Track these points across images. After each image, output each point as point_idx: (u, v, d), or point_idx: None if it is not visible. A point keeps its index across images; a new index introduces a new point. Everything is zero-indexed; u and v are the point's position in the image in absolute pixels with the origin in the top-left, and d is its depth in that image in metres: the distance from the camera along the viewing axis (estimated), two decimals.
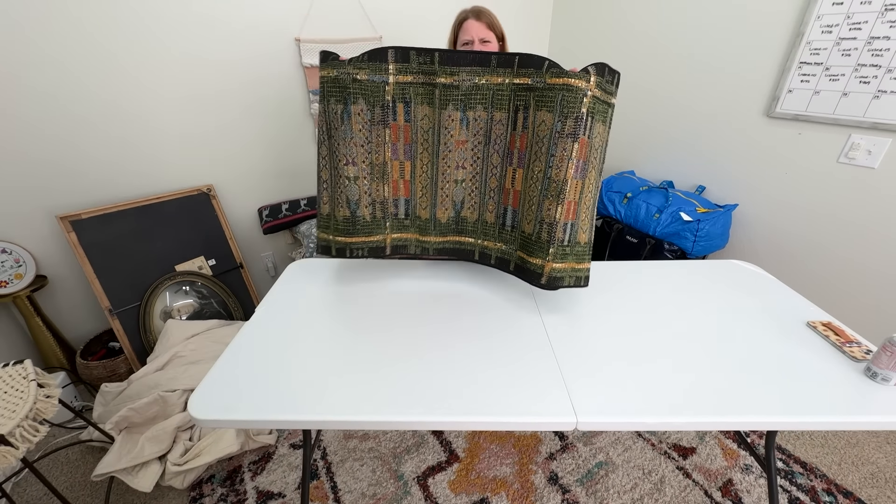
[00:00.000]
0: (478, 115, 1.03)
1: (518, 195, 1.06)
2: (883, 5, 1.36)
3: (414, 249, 1.16)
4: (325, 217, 1.14)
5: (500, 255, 1.12)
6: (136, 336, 1.74)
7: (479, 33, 1.19)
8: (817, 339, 1.02)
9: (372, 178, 1.08)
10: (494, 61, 1.00)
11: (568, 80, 0.92)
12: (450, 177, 1.11)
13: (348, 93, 1.00)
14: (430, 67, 1.01)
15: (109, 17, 1.53)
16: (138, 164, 1.75)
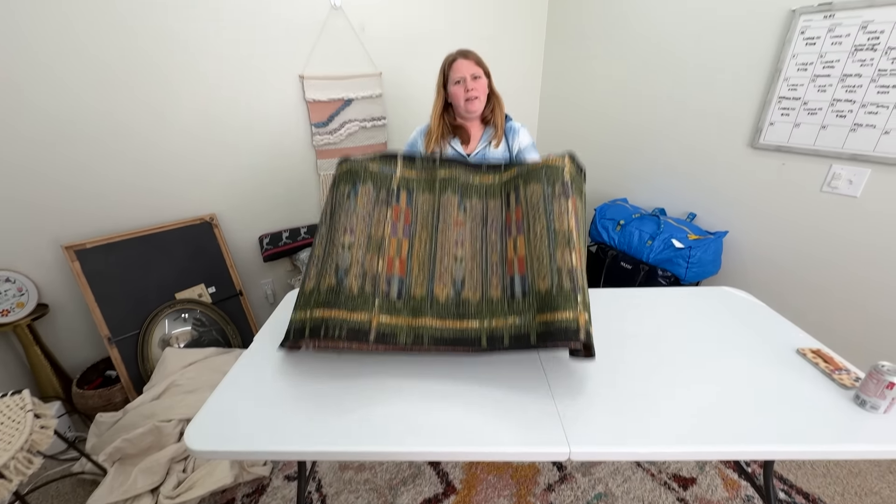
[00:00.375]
0: (474, 203, 1.11)
1: (523, 260, 0.97)
2: (853, 45, 1.44)
3: (405, 339, 0.92)
4: (307, 293, 0.98)
5: (515, 331, 0.91)
6: (134, 364, 1.74)
7: (469, 70, 1.28)
8: (807, 367, 1.03)
9: (367, 248, 1.01)
10: (484, 168, 1.16)
11: (547, 161, 1.07)
12: (448, 251, 1.03)
13: (358, 176, 1.09)
14: (431, 166, 1.15)
15: (117, 49, 1.61)
16: (145, 194, 1.81)
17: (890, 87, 1.39)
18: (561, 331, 0.85)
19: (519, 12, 2.49)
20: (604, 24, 2.27)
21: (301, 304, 0.98)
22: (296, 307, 0.99)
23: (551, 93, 2.74)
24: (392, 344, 0.93)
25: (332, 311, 0.94)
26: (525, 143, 1.44)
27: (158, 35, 1.65)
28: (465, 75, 1.29)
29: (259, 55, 1.86)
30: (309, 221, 2.27)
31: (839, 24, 1.46)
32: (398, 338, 0.93)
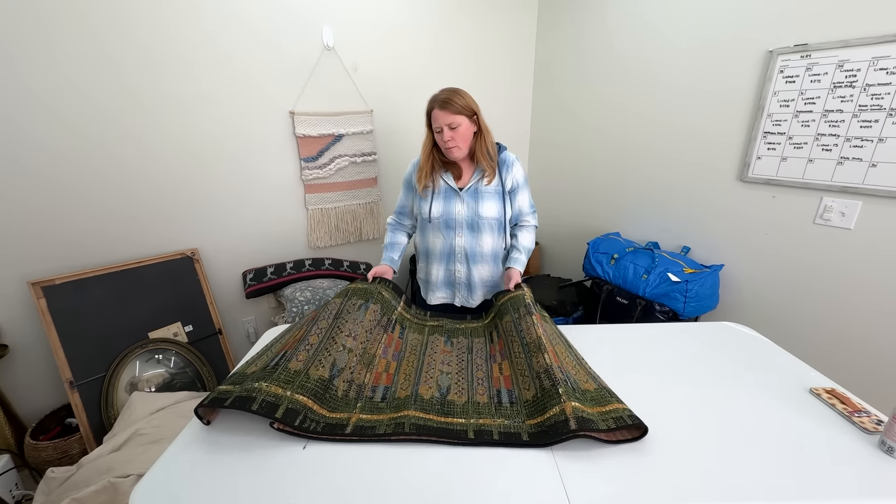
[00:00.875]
0: (459, 340, 1.21)
1: (509, 378, 1.03)
2: (831, 83, 1.48)
3: (384, 429, 0.85)
4: (290, 373, 0.91)
5: (505, 429, 0.87)
6: (97, 411, 1.60)
7: (445, 120, 1.26)
8: (823, 409, 0.96)
9: (361, 359, 1.04)
10: (469, 318, 1.34)
11: (510, 294, 1.25)
12: (435, 367, 1.07)
13: (371, 296, 1.20)
14: (423, 316, 1.33)
15: (100, 80, 1.61)
16: (123, 228, 1.75)
17: (872, 122, 1.41)
18: (552, 427, 0.83)
19: (508, 53, 2.58)
20: (593, 63, 2.36)
21: (276, 381, 0.88)
22: (269, 380, 0.88)
23: (541, 130, 2.79)
24: (370, 435, 0.85)
25: (315, 405, 0.88)
26: (519, 179, 1.40)
27: (143, 67, 1.65)
28: (441, 126, 1.27)
29: (249, 91, 1.87)
30: (295, 257, 2.20)
31: (816, 63, 1.51)
32: (377, 429, 0.86)
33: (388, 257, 1.47)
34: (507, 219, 1.40)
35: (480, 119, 1.31)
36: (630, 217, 2.32)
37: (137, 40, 1.61)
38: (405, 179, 1.46)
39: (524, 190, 1.42)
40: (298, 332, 1.06)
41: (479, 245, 1.38)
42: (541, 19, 2.60)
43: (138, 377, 1.69)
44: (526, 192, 1.43)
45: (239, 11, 1.77)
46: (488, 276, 1.43)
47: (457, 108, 1.25)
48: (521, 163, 1.42)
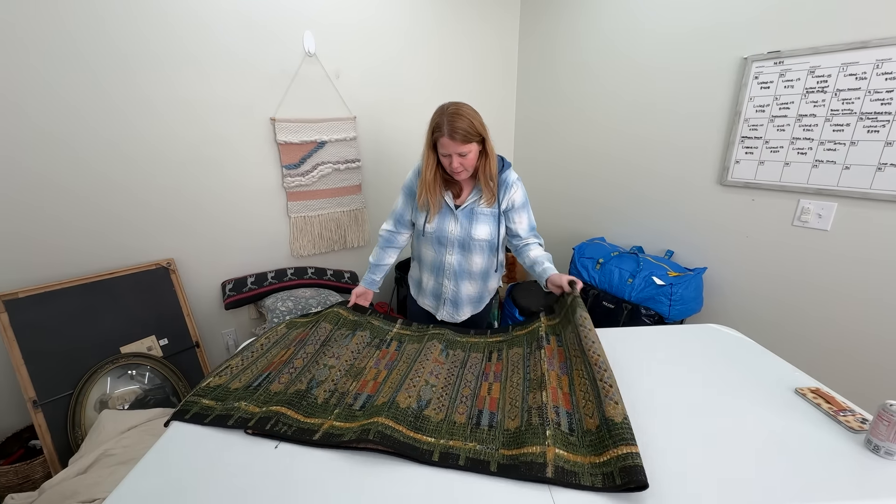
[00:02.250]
0: (457, 353, 1.15)
1: (496, 401, 0.96)
2: (804, 88, 1.52)
3: (350, 436, 0.82)
4: (269, 394, 0.94)
5: (475, 454, 0.80)
6: (63, 432, 1.52)
7: (455, 149, 1.18)
8: (809, 408, 0.95)
9: (346, 374, 1.04)
10: (472, 332, 1.26)
11: (529, 327, 1.20)
12: (422, 375, 1.02)
13: (360, 326, 1.22)
14: (424, 328, 1.26)
15: (72, 81, 1.55)
16: (94, 237, 1.68)
17: (844, 126, 1.45)
18: (527, 465, 0.75)
19: (491, 61, 2.61)
20: (574, 70, 2.39)
21: (255, 400, 0.92)
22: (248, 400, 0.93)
23: (525, 136, 2.81)
24: (336, 444, 0.82)
25: (289, 411, 0.89)
26: (518, 201, 1.34)
27: (117, 71, 1.60)
28: (450, 153, 1.19)
29: (228, 97, 1.83)
30: (276, 266, 2.15)
31: (789, 69, 1.55)
32: (344, 437, 0.82)
33: (371, 279, 1.44)
34: (500, 240, 1.37)
35: (488, 142, 1.23)
36: (614, 222, 2.34)
37: (113, 43, 1.56)
38: (406, 186, 1.39)
39: (522, 211, 1.35)
40: (285, 354, 1.09)
41: (469, 264, 1.36)
42: (523, 27, 2.63)
43: (109, 394, 1.61)
44: (525, 214, 1.36)
45: (217, 17, 1.73)
46: (475, 292, 1.42)
47: (465, 136, 1.16)
48: (522, 185, 1.35)
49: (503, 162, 1.33)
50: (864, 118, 1.40)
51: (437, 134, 1.19)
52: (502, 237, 1.38)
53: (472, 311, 1.46)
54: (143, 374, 1.71)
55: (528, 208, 1.38)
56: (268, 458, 0.80)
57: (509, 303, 2.43)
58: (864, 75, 1.38)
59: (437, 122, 1.19)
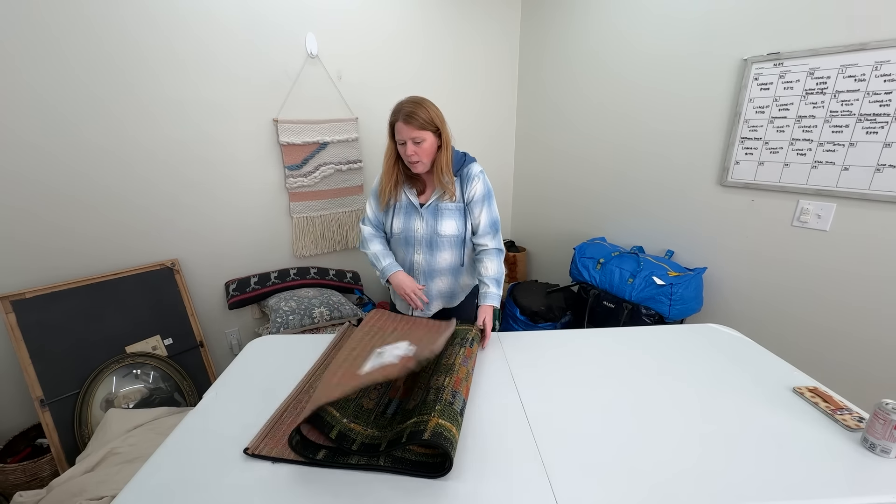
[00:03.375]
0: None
1: (408, 391, 0.98)
2: (803, 90, 1.53)
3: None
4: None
5: (370, 440, 0.82)
6: (70, 431, 1.53)
7: (409, 135, 1.20)
8: (806, 407, 0.97)
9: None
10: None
11: (466, 326, 1.20)
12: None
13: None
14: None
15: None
16: (99, 239, 1.69)
17: (843, 127, 1.46)
18: (408, 434, 0.77)
19: (493, 61, 2.61)
20: (575, 74, 2.40)
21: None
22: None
23: (526, 138, 2.82)
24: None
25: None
26: (479, 193, 1.29)
27: (123, 74, 1.62)
28: (405, 139, 1.21)
29: (231, 99, 1.85)
30: (279, 266, 2.17)
31: (788, 70, 1.56)
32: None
33: (393, 263, 1.37)
34: (468, 234, 1.34)
35: (444, 134, 1.24)
36: (615, 222, 2.35)
37: (117, 48, 1.58)
38: (374, 191, 1.37)
39: (483, 205, 1.30)
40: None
41: (437, 261, 1.35)
42: (524, 29, 2.64)
43: (114, 393, 1.62)
44: (485, 209, 1.31)
45: (221, 19, 1.75)
46: (446, 287, 1.42)
47: (421, 123, 1.19)
48: (486, 176, 1.31)
49: (465, 157, 1.33)
50: (863, 119, 1.41)
51: (394, 118, 1.23)
52: (469, 232, 1.35)
53: (444, 304, 1.46)
54: (147, 373, 1.73)
55: (488, 202, 1.31)
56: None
57: (510, 302, 2.45)
58: (863, 77, 1.39)
59: (395, 108, 1.23)
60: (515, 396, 1.00)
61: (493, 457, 0.81)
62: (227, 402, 1.00)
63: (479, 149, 2.72)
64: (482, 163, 1.38)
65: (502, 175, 2.94)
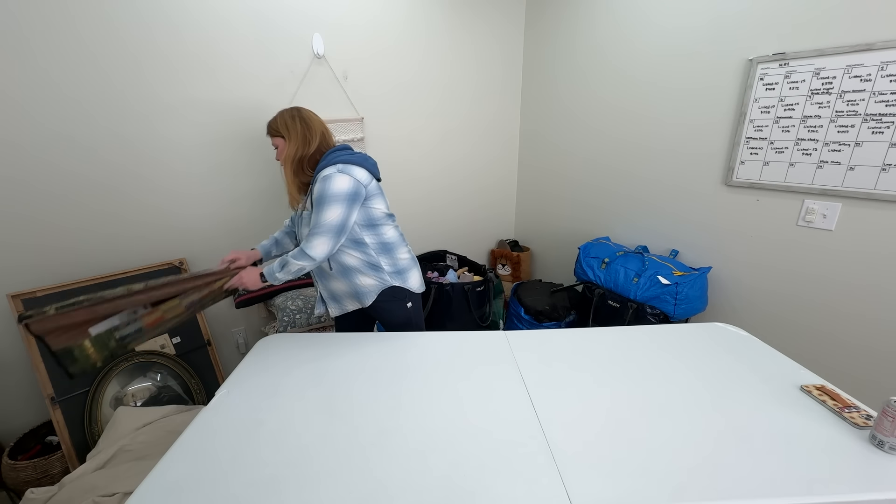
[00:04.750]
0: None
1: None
2: (809, 90, 1.53)
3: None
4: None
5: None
6: (80, 428, 1.55)
7: (272, 143, 1.37)
8: (814, 405, 0.97)
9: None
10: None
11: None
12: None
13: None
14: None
15: (88, 80, 1.58)
16: (107, 237, 1.71)
17: (849, 127, 1.46)
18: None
19: (497, 60, 2.62)
20: (580, 72, 2.40)
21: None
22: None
23: (530, 137, 2.83)
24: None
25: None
26: (314, 196, 1.22)
27: (129, 72, 1.63)
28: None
29: (237, 99, 1.86)
30: None
31: (794, 71, 1.56)
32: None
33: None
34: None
35: (291, 138, 1.29)
36: (620, 222, 2.35)
37: (123, 46, 1.59)
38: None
39: (316, 209, 1.20)
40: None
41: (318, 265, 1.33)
42: (528, 25, 2.65)
43: (123, 391, 1.64)
44: (317, 212, 1.19)
45: (228, 20, 1.76)
46: (346, 288, 1.41)
47: (271, 131, 1.34)
48: (327, 182, 1.18)
49: (326, 159, 1.27)
50: (869, 119, 1.41)
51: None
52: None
53: (356, 305, 1.44)
54: (156, 371, 1.74)
55: (319, 206, 1.19)
56: (291, 449, 0.83)
57: (514, 302, 2.46)
58: (869, 77, 1.40)
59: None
60: (525, 395, 1.01)
61: (505, 455, 0.82)
62: (238, 400, 1.01)
63: (483, 146, 2.74)
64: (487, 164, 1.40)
65: (506, 174, 2.95)
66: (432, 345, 1.27)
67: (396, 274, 1.42)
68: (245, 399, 1.01)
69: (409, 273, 1.46)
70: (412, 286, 1.47)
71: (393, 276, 1.41)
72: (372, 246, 1.35)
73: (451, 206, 2.73)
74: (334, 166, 1.23)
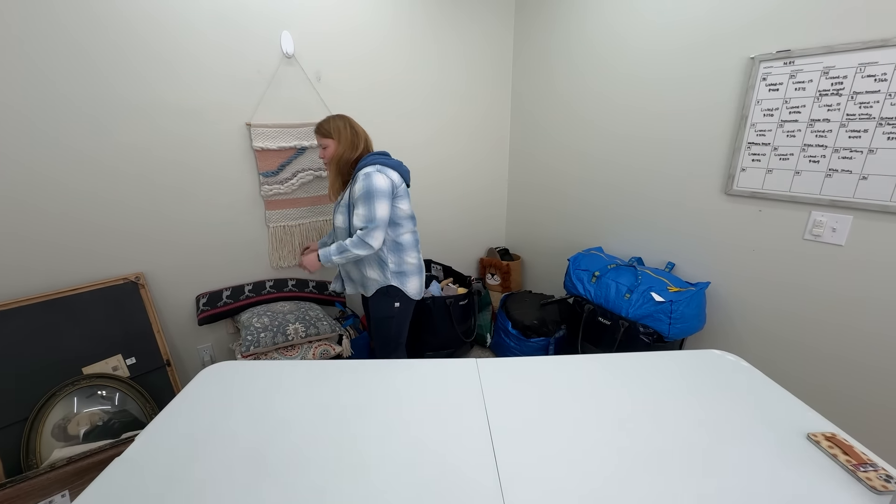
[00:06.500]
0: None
1: None
2: (817, 91, 1.39)
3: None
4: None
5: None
6: (16, 461, 1.42)
7: (317, 141, 1.61)
8: (823, 460, 0.84)
9: None
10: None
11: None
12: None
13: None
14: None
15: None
16: (54, 251, 1.58)
17: (861, 132, 1.32)
18: None
19: (484, 62, 2.49)
20: (569, 71, 2.27)
21: None
22: None
23: (520, 140, 2.69)
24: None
25: None
26: (355, 193, 1.46)
27: (79, 71, 1.50)
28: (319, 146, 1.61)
29: (200, 101, 1.73)
30: (255, 278, 2.05)
31: (800, 70, 1.42)
32: None
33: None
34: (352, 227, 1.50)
35: (341, 141, 1.54)
36: (613, 231, 2.21)
37: (76, 43, 1.46)
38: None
39: (358, 203, 1.44)
40: None
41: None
42: (518, 25, 2.51)
43: (67, 419, 1.51)
44: (360, 207, 1.44)
45: (188, 16, 1.63)
46: (357, 274, 1.64)
47: (322, 131, 1.56)
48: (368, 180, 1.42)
49: (366, 159, 1.51)
50: (884, 124, 1.27)
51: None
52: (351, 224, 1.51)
53: (362, 291, 1.66)
54: (111, 395, 1.61)
55: (365, 202, 1.42)
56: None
57: (502, 315, 2.32)
58: (884, 77, 1.25)
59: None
60: (487, 442, 0.88)
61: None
62: (156, 451, 0.88)
63: (471, 151, 2.60)
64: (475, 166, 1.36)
65: (496, 179, 2.81)
66: (393, 375, 1.14)
67: (398, 275, 1.57)
68: (164, 450, 0.88)
69: (409, 277, 1.61)
70: (409, 290, 1.61)
71: (394, 276, 1.57)
72: (386, 242, 1.53)
73: (437, 211, 2.58)
74: (373, 166, 1.46)
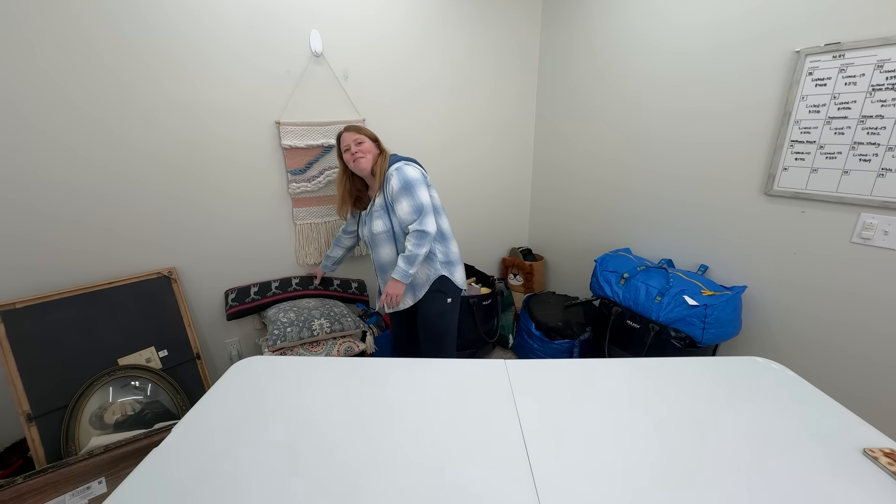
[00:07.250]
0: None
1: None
2: (869, 86, 1.32)
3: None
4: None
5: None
6: (56, 446, 1.47)
7: (351, 139, 1.54)
8: (883, 477, 0.78)
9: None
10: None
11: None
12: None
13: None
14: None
15: (78, 79, 1.51)
16: (93, 246, 1.63)
17: None
18: None
19: (510, 60, 2.46)
20: (601, 67, 2.22)
21: None
22: None
23: (546, 135, 2.65)
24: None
25: None
26: (394, 189, 1.47)
27: (116, 72, 1.54)
28: (349, 143, 1.54)
29: (230, 100, 1.76)
30: (281, 275, 2.08)
31: (851, 63, 1.35)
32: None
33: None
34: (397, 229, 1.52)
35: (380, 143, 1.60)
36: (641, 232, 2.15)
37: (112, 45, 1.51)
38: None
39: (400, 198, 1.46)
40: None
41: (380, 257, 1.59)
42: (544, 25, 2.47)
43: (103, 408, 1.56)
44: (404, 200, 1.46)
45: (219, 16, 1.66)
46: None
47: (359, 130, 1.57)
48: (402, 172, 1.47)
49: (394, 157, 1.55)
50: None
51: (339, 133, 1.61)
52: (398, 226, 1.52)
53: (411, 299, 1.62)
54: (144, 386, 1.66)
55: (407, 194, 1.45)
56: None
57: (525, 316, 2.29)
58: None
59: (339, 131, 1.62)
60: (522, 450, 0.85)
61: None
62: (191, 443, 0.89)
63: (493, 148, 2.57)
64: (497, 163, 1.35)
65: (519, 181, 2.78)
66: (421, 374, 1.13)
67: (447, 264, 1.59)
68: (201, 440, 0.89)
69: (456, 267, 1.64)
70: (457, 280, 1.63)
71: (443, 265, 1.58)
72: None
73: (461, 211, 2.57)
74: (398, 162, 1.51)
